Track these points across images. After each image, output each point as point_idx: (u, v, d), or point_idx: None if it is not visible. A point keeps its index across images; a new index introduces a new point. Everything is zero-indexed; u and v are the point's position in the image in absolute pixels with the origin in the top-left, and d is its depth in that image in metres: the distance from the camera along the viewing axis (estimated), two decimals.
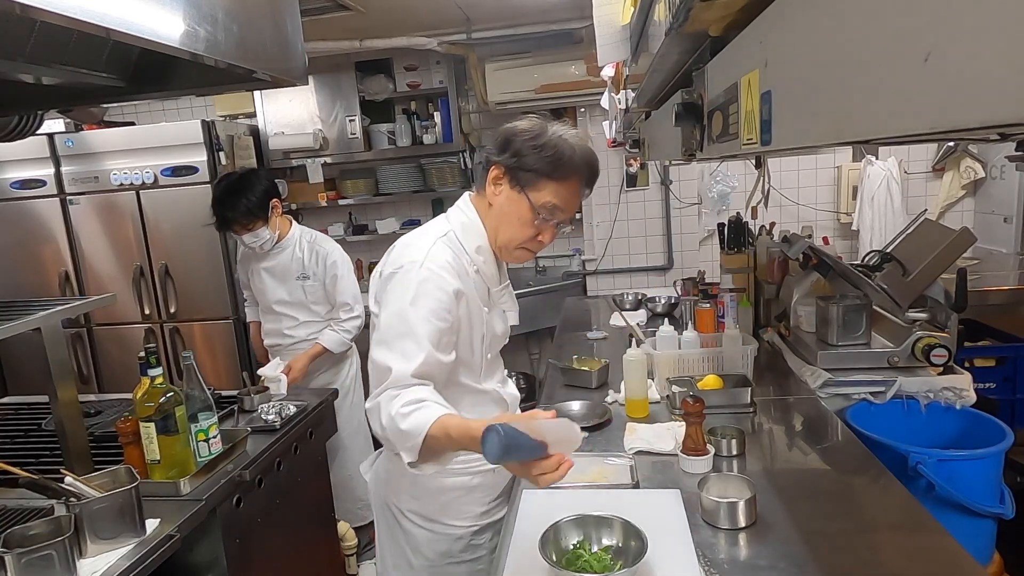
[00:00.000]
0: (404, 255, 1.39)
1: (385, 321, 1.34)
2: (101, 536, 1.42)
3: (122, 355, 3.97)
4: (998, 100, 0.31)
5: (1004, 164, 3.72)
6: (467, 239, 1.45)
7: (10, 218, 3.89)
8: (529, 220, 1.40)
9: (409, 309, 1.31)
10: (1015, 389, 2.68)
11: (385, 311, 1.35)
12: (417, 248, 1.39)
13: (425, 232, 1.45)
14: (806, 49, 0.56)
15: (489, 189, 1.43)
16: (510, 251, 1.46)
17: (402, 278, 1.35)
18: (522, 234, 1.43)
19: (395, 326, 1.32)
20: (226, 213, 2.60)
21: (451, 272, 1.37)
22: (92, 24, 0.99)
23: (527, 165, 1.37)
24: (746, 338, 2.22)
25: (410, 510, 1.54)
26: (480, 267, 1.45)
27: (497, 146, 1.42)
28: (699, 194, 4.32)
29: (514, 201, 1.40)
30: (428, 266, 1.35)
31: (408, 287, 1.33)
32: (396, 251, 1.43)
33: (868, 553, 1.25)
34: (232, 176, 2.71)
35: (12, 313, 1.65)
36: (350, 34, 3.92)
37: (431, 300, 1.32)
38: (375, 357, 1.33)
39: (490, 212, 1.44)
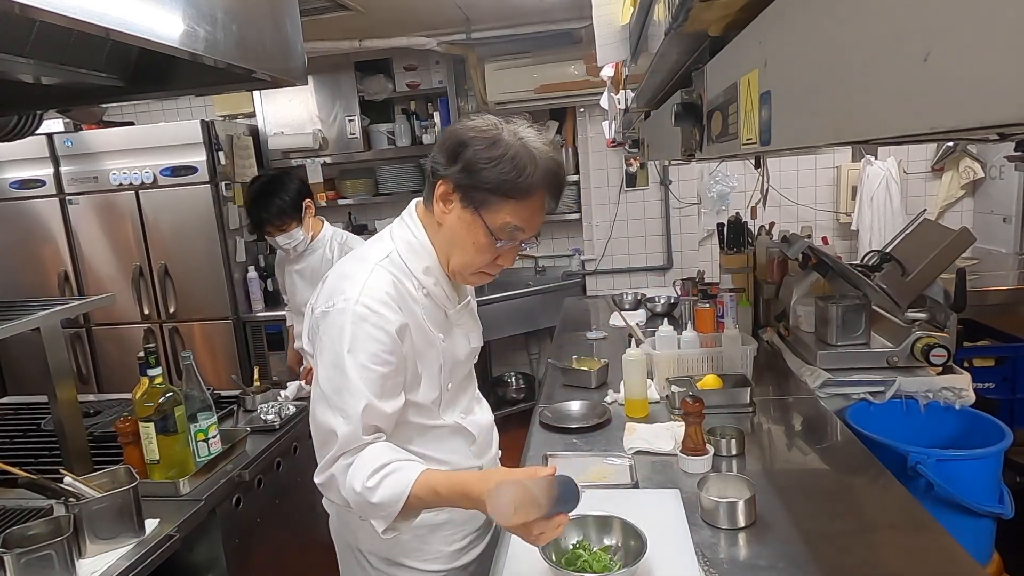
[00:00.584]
0: (337, 289, 1.19)
1: (323, 374, 1.18)
2: (100, 536, 1.42)
3: (121, 355, 3.97)
4: (998, 100, 0.31)
5: (1003, 164, 3.72)
6: (413, 260, 1.24)
7: (9, 218, 3.89)
8: (486, 245, 1.20)
9: (346, 357, 1.14)
10: (1014, 389, 2.68)
11: (321, 361, 1.19)
12: (351, 280, 1.19)
13: (363, 257, 1.25)
14: (806, 49, 0.56)
15: (437, 207, 1.21)
16: (464, 276, 1.27)
17: (335, 320, 1.16)
18: (478, 260, 1.23)
19: (333, 379, 1.16)
20: (260, 214, 2.58)
21: (391, 307, 1.17)
22: (92, 24, 0.99)
23: (482, 183, 1.15)
24: (746, 338, 2.22)
25: (369, 551, 1.36)
26: (430, 289, 1.26)
27: (445, 153, 1.19)
28: (698, 194, 4.32)
29: (467, 223, 1.19)
30: (364, 302, 1.15)
31: (343, 331, 1.15)
32: (329, 283, 1.24)
33: (868, 553, 1.26)
34: (264, 178, 2.69)
35: (11, 313, 1.65)
36: (350, 34, 3.92)
37: (370, 343, 1.15)
38: (316, 416, 1.18)
39: (440, 232, 1.23)
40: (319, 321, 1.20)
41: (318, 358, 1.20)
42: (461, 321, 1.35)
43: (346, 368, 1.14)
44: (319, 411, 1.18)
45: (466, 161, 1.15)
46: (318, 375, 1.19)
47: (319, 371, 1.19)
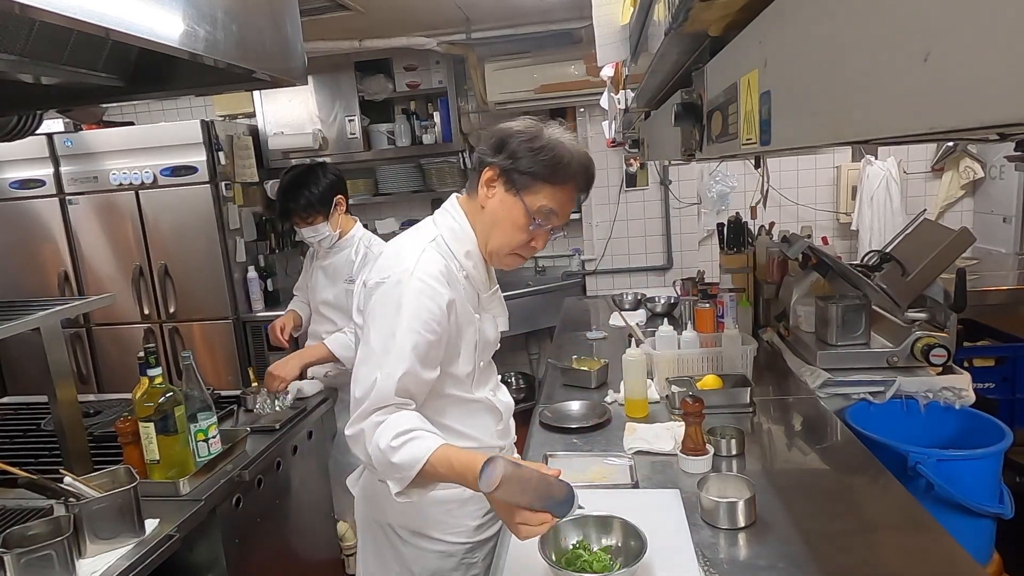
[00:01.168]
0: (393, 265, 1.31)
1: (373, 337, 1.28)
2: (100, 536, 1.42)
3: (121, 355, 3.97)
4: (998, 100, 0.31)
5: (1003, 164, 3.72)
6: (456, 244, 1.37)
7: (9, 218, 3.89)
8: (523, 225, 1.34)
9: (398, 324, 1.25)
10: (1014, 389, 2.68)
11: (373, 326, 1.29)
12: (407, 256, 1.31)
13: (413, 238, 1.38)
14: (806, 49, 0.56)
15: (482, 191, 1.36)
16: (501, 257, 1.39)
17: (391, 290, 1.28)
18: (515, 239, 1.36)
19: (384, 341, 1.26)
20: (288, 204, 2.53)
21: (442, 282, 1.30)
22: (92, 24, 0.99)
23: (523, 167, 1.31)
24: (746, 338, 2.22)
25: (400, 525, 1.46)
26: (469, 272, 1.39)
27: (491, 147, 1.35)
28: (698, 194, 4.32)
29: (508, 205, 1.34)
30: (419, 276, 1.28)
31: (398, 300, 1.26)
32: (384, 260, 1.35)
33: (868, 553, 1.26)
34: (299, 168, 2.62)
35: (11, 313, 1.65)
36: (350, 34, 3.92)
37: (423, 312, 1.26)
38: (359, 374, 1.28)
39: (481, 215, 1.37)
40: (373, 291, 1.31)
41: (370, 324, 1.30)
42: (491, 306, 1.49)
43: (397, 333, 1.26)
44: (363, 369, 1.28)
45: (511, 151, 1.32)
46: (367, 338, 1.30)
47: (370, 336, 1.29)
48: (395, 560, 1.48)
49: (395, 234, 4.96)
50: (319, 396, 2.43)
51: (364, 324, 1.32)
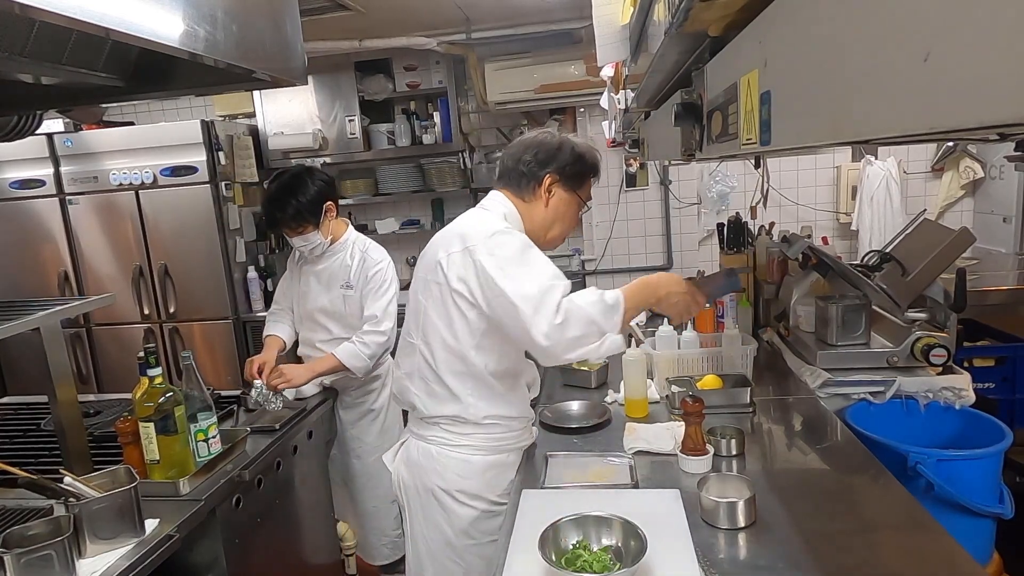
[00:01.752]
0: (482, 228, 1.56)
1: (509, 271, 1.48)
2: (100, 536, 1.41)
3: (121, 355, 3.97)
4: (998, 100, 0.31)
5: (1003, 164, 3.72)
6: (514, 224, 1.63)
7: (9, 218, 3.89)
8: (576, 213, 1.73)
9: (526, 254, 1.52)
10: (1014, 389, 2.68)
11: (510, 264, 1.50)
12: (495, 225, 1.57)
13: (486, 213, 1.65)
14: (806, 49, 0.56)
15: (544, 195, 1.66)
16: (556, 242, 1.76)
17: (507, 237, 1.53)
18: (572, 226, 1.77)
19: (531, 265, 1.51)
20: (275, 214, 2.41)
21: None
22: (92, 24, 0.99)
23: (577, 171, 1.66)
24: (746, 338, 2.22)
25: (459, 490, 1.62)
26: None
27: (542, 159, 1.65)
28: (698, 194, 4.32)
29: (567, 201, 1.68)
30: (505, 231, 1.56)
31: (523, 243, 1.55)
32: (465, 229, 1.58)
33: (868, 553, 1.26)
34: (284, 175, 2.48)
35: (11, 313, 1.65)
36: (350, 34, 3.92)
37: (516, 248, 1.53)
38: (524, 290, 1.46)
39: (544, 212, 1.67)
40: (484, 244, 1.52)
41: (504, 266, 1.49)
42: None
43: (530, 262, 1.52)
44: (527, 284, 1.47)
45: (564, 160, 1.65)
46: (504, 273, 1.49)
47: (505, 271, 1.49)
48: (446, 521, 1.64)
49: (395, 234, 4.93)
50: (319, 396, 2.43)
51: (485, 274, 1.50)
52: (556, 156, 1.64)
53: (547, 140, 1.67)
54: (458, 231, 1.59)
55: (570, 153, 1.65)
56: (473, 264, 1.51)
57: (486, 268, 1.49)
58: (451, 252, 1.55)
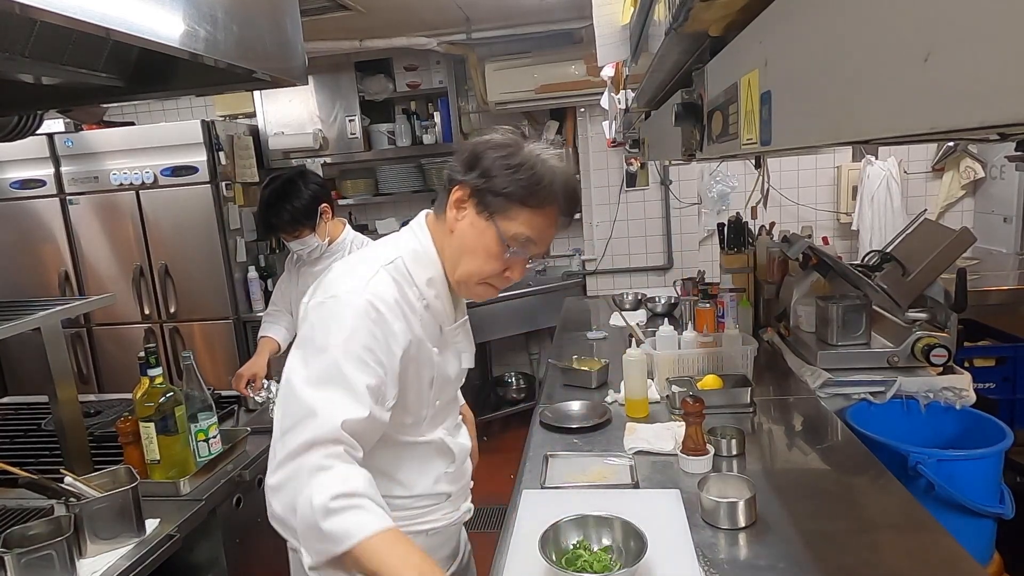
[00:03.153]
0: (340, 282, 1.15)
1: (311, 359, 1.08)
2: (101, 536, 1.42)
3: (122, 355, 3.97)
4: (998, 100, 0.31)
5: (1004, 164, 3.72)
6: (417, 269, 1.22)
7: (10, 218, 3.89)
8: (496, 253, 1.18)
9: (340, 347, 1.07)
10: (1015, 389, 2.68)
11: (307, 348, 1.10)
12: (355, 277, 1.15)
13: (366, 259, 1.22)
14: (806, 49, 0.56)
15: (450, 213, 1.20)
16: (470, 287, 1.23)
17: (333, 308, 1.11)
18: (487, 268, 1.20)
19: (321, 365, 1.07)
20: (271, 220, 2.41)
21: (395, 311, 1.14)
22: (92, 24, 0.99)
23: (498, 188, 1.15)
24: (746, 338, 2.22)
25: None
26: (430, 302, 1.22)
27: (463, 163, 1.19)
28: (699, 194, 4.32)
29: (479, 230, 1.18)
30: (368, 298, 1.11)
31: (342, 321, 1.09)
32: (331, 277, 1.18)
33: (868, 553, 1.26)
34: (277, 181, 2.47)
35: (12, 313, 1.65)
36: (350, 34, 3.93)
37: (369, 340, 1.09)
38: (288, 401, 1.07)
39: (450, 240, 1.22)
40: (311, 312, 1.13)
41: (304, 346, 1.11)
42: (456, 339, 1.30)
43: (339, 360, 1.06)
44: (298, 392, 1.06)
45: (484, 168, 1.16)
46: (297, 363, 1.10)
47: (308, 357, 1.09)
48: None
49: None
50: None
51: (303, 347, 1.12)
52: (479, 160, 1.17)
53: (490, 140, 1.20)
54: (335, 271, 1.21)
55: (498, 160, 1.15)
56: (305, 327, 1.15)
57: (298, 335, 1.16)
58: (308, 301, 1.17)
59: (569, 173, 1.21)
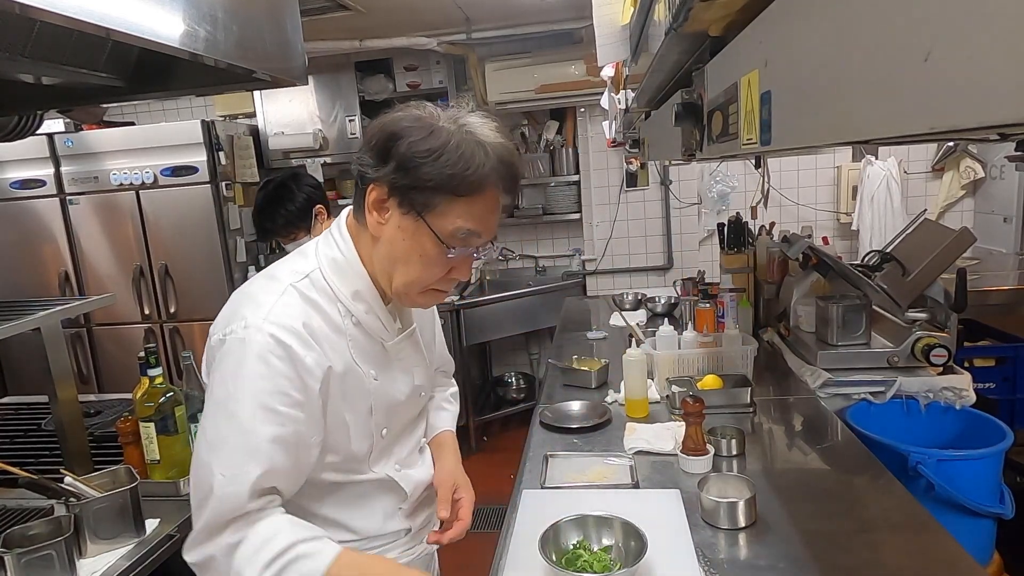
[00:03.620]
0: (237, 314, 1.00)
1: (209, 414, 0.97)
2: (101, 536, 1.42)
3: (122, 355, 3.97)
4: (998, 100, 0.31)
5: (1004, 164, 3.72)
6: (339, 282, 1.05)
7: (10, 218, 3.89)
8: (435, 256, 1.01)
9: (240, 401, 0.94)
10: (1015, 389, 2.68)
11: (210, 398, 0.98)
12: (255, 304, 1.00)
13: (273, 275, 1.07)
14: (806, 49, 0.56)
15: (370, 217, 1.01)
16: (412, 297, 1.06)
17: (232, 350, 0.96)
18: (428, 275, 1.03)
19: (220, 424, 0.95)
20: (265, 224, 2.42)
21: (304, 340, 0.97)
22: (92, 24, 0.99)
23: (422, 181, 0.95)
24: (746, 338, 2.22)
25: None
26: (361, 318, 1.06)
27: (374, 152, 0.99)
28: (699, 194, 4.32)
29: (410, 233, 0.99)
30: (269, 331, 0.95)
31: (240, 365, 0.95)
32: (230, 305, 1.05)
33: (868, 553, 1.25)
34: (271, 184, 2.46)
35: (12, 313, 1.65)
36: (350, 34, 3.92)
37: (275, 382, 0.94)
38: (196, 466, 0.97)
39: (376, 247, 1.04)
40: (215, 351, 0.99)
41: (208, 399, 0.99)
42: (402, 355, 1.13)
43: (239, 414, 0.94)
44: (199, 461, 0.96)
45: (400, 157, 0.96)
46: (203, 419, 0.98)
47: (208, 413, 0.98)
48: None
49: None
50: None
51: (206, 401, 1.00)
52: (392, 149, 0.96)
53: (399, 121, 0.99)
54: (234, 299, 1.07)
55: (414, 146, 0.95)
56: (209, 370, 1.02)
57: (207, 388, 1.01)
58: (212, 329, 1.04)
59: (500, 142, 1.00)
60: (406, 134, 0.97)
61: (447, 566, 1.49)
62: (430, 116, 0.99)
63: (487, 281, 4.61)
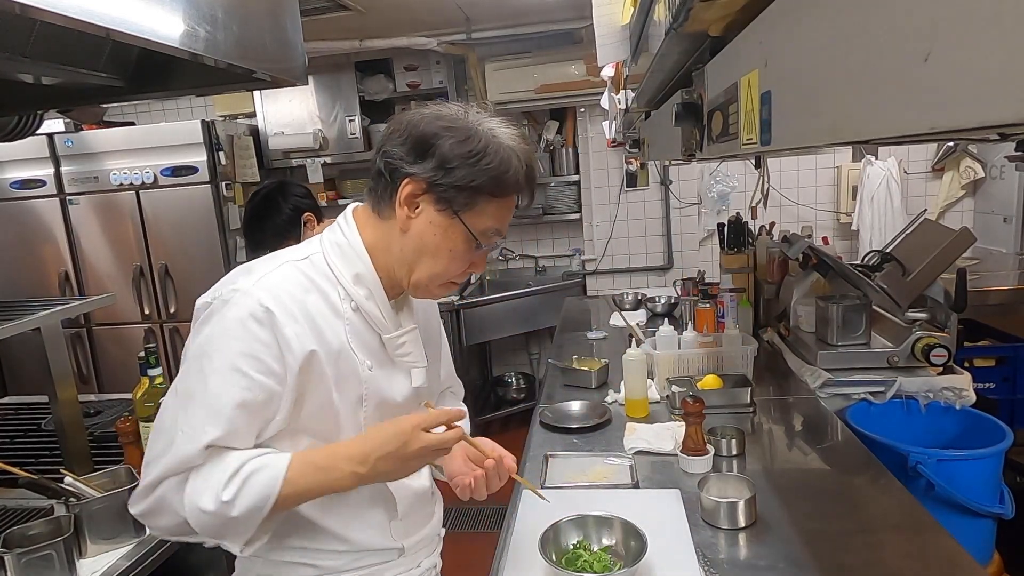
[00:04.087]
0: (231, 281, 1.00)
1: (186, 371, 0.97)
2: (101, 536, 1.42)
3: (122, 355, 3.97)
4: (998, 100, 0.31)
5: (1004, 164, 3.72)
6: (340, 263, 1.05)
7: (10, 218, 3.89)
8: (464, 251, 1.04)
9: (213, 357, 0.94)
10: (1015, 389, 2.68)
11: (186, 356, 0.99)
12: (252, 274, 1.00)
13: (275, 256, 1.06)
14: (806, 49, 0.56)
15: (401, 211, 1.02)
16: (431, 289, 1.08)
17: (217, 310, 0.97)
18: (453, 268, 1.06)
19: (192, 382, 0.96)
20: (255, 236, 2.40)
21: (290, 312, 0.97)
22: (92, 24, 0.99)
23: (462, 181, 0.99)
24: (746, 338, 2.22)
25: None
26: (360, 303, 1.05)
27: (410, 150, 1.01)
28: (699, 194, 4.32)
29: (443, 228, 1.02)
30: (257, 296, 0.95)
31: (221, 325, 0.95)
32: (227, 276, 1.04)
33: (868, 553, 1.26)
34: (257, 197, 2.45)
35: (12, 313, 1.65)
36: (350, 34, 3.93)
37: (250, 345, 0.94)
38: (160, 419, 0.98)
39: (401, 239, 1.04)
40: (200, 312, 1.00)
41: (184, 354, 1.00)
42: (403, 351, 1.11)
43: (208, 373, 0.94)
44: (164, 415, 0.98)
45: (441, 157, 0.99)
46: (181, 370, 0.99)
47: (183, 367, 0.99)
48: None
49: None
50: None
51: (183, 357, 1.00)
52: (433, 147, 0.99)
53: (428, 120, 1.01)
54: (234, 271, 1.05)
55: (457, 147, 0.99)
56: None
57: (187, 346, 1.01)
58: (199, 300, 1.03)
59: (525, 148, 1.05)
60: (446, 134, 1.00)
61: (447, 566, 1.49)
62: (463, 119, 1.02)
63: (487, 281, 4.61)
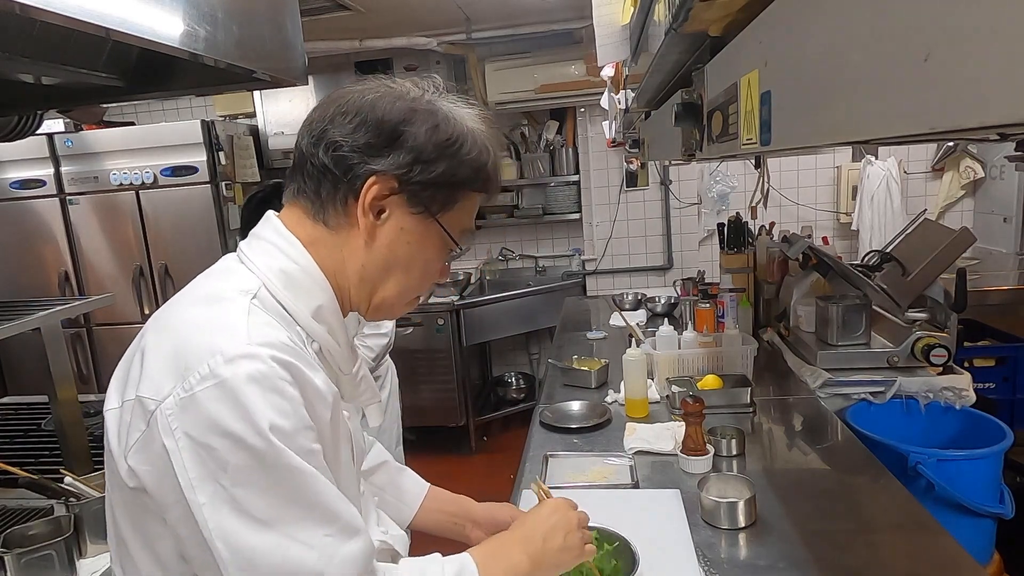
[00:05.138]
0: (195, 355, 0.70)
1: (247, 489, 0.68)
2: (101, 536, 1.41)
3: (122, 355, 3.96)
4: (998, 100, 0.31)
5: (1004, 164, 3.72)
6: (294, 299, 0.80)
7: (10, 218, 3.89)
8: (437, 259, 0.88)
9: (270, 444, 0.68)
10: (1015, 389, 2.68)
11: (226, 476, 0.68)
12: (220, 331, 0.72)
13: (215, 296, 0.80)
14: (806, 49, 0.56)
15: (364, 218, 0.81)
16: (396, 309, 0.90)
17: (209, 402, 0.68)
18: (426, 281, 0.89)
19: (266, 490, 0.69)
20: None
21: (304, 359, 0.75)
22: (92, 24, 0.99)
23: (443, 176, 0.81)
24: (746, 338, 2.22)
25: None
26: (324, 343, 0.83)
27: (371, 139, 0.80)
28: (699, 194, 4.32)
29: (418, 235, 0.84)
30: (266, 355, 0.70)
31: (238, 409, 0.68)
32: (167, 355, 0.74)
33: (868, 553, 1.26)
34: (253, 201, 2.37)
35: (12, 313, 1.65)
36: (350, 34, 3.93)
37: (292, 422, 0.71)
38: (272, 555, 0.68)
39: (363, 254, 0.83)
40: (174, 417, 0.69)
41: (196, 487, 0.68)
42: (361, 389, 0.94)
43: (278, 462, 0.69)
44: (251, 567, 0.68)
45: (416, 147, 0.80)
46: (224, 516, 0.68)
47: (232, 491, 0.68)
48: None
49: None
50: None
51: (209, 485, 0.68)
52: (401, 135, 0.80)
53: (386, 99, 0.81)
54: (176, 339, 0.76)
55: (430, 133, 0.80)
56: (166, 454, 0.69)
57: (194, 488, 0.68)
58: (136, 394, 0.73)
59: (494, 132, 0.89)
60: (414, 118, 0.80)
61: None
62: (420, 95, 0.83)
63: (487, 281, 4.61)
